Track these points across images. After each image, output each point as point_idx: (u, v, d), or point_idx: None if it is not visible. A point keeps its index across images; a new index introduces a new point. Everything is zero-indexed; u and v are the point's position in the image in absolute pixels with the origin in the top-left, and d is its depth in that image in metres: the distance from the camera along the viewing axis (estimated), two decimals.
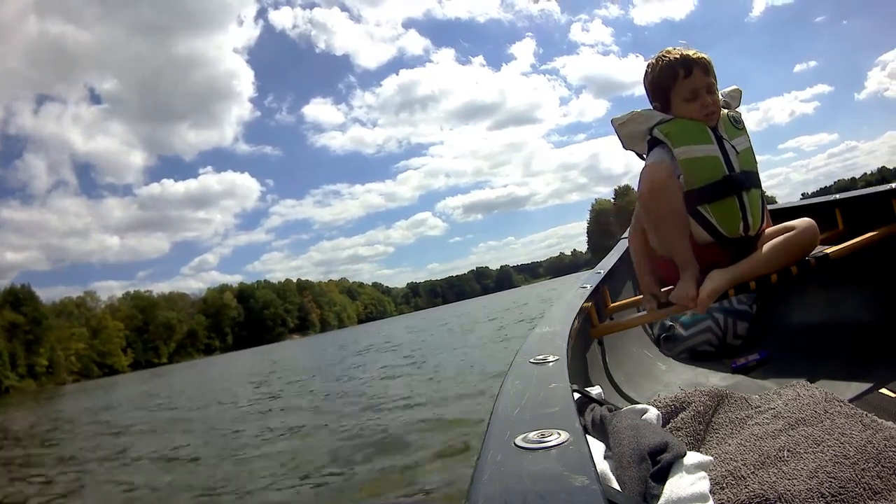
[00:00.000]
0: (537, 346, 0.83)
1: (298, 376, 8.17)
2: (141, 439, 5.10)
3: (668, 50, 1.46)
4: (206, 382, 12.36)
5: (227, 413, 5.76)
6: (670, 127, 1.40)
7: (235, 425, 4.77)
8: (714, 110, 1.41)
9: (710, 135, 1.39)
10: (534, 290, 33.78)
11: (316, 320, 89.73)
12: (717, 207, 1.38)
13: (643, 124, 1.44)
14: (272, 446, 3.45)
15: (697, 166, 1.38)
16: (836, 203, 1.65)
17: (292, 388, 6.37)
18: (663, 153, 1.39)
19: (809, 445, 0.74)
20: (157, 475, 3.43)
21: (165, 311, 73.71)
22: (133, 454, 4.34)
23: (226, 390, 8.74)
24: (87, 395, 18.70)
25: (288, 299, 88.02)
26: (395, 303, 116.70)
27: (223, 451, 3.67)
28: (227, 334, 79.17)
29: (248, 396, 6.50)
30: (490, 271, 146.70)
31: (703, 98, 1.40)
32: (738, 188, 1.38)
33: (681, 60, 1.42)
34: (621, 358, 1.73)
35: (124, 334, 66.93)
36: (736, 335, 1.83)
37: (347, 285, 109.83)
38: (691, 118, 1.41)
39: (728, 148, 1.40)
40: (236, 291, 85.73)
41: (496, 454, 0.43)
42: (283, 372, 9.98)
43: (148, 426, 6.04)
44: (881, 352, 1.33)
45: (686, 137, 1.38)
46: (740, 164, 1.40)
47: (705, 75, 1.41)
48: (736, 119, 1.47)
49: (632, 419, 0.69)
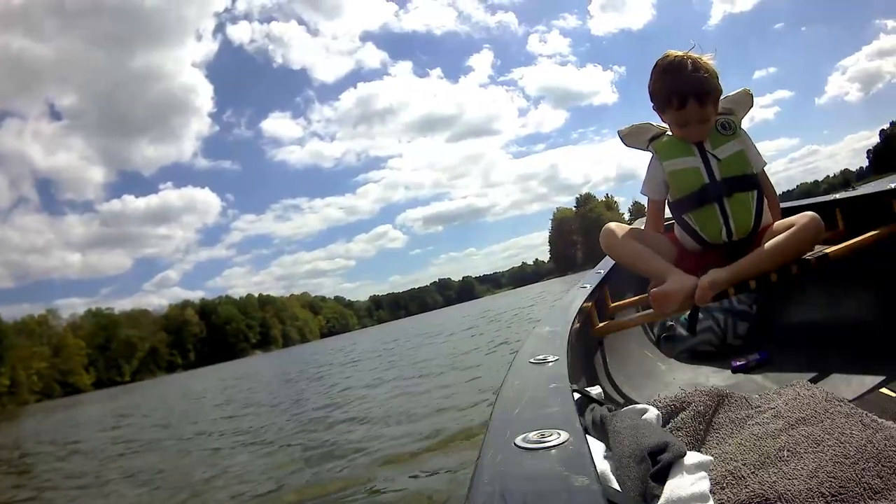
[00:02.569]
0: (537, 346, 0.83)
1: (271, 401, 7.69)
2: (109, 461, 4.92)
3: (674, 63, 1.43)
4: (178, 402, 11.93)
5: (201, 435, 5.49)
6: (659, 144, 1.53)
7: (207, 443, 4.61)
8: (701, 139, 1.47)
9: (693, 148, 1.48)
10: (499, 301, 33.44)
11: (278, 335, 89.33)
12: (699, 215, 1.46)
13: (642, 136, 1.57)
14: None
15: (680, 178, 1.48)
16: (836, 203, 1.65)
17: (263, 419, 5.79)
18: (656, 163, 1.54)
19: (809, 445, 0.74)
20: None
21: (127, 329, 73.29)
22: (101, 477, 4.16)
23: (190, 412, 8.46)
24: (52, 414, 18.19)
25: (250, 315, 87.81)
26: (357, 316, 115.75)
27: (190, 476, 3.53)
28: (190, 351, 78.74)
29: (219, 425, 6.06)
30: (452, 283, 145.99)
31: (692, 128, 1.45)
32: (716, 196, 1.44)
33: (677, 90, 1.41)
34: (621, 358, 1.73)
35: (86, 353, 66.40)
36: (736, 335, 1.83)
37: (309, 299, 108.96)
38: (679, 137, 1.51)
39: (710, 158, 1.46)
40: (198, 307, 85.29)
41: (496, 454, 0.43)
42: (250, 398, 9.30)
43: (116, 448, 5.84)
44: (881, 351, 1.33)
45: (671, 153, 1.50)
46: (722, 172, 1.44)
47: (700, 107, 1.41)
48: (726, 125, 1.48)
49: (632, 419, 0.69)
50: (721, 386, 1.20)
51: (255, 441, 4.19)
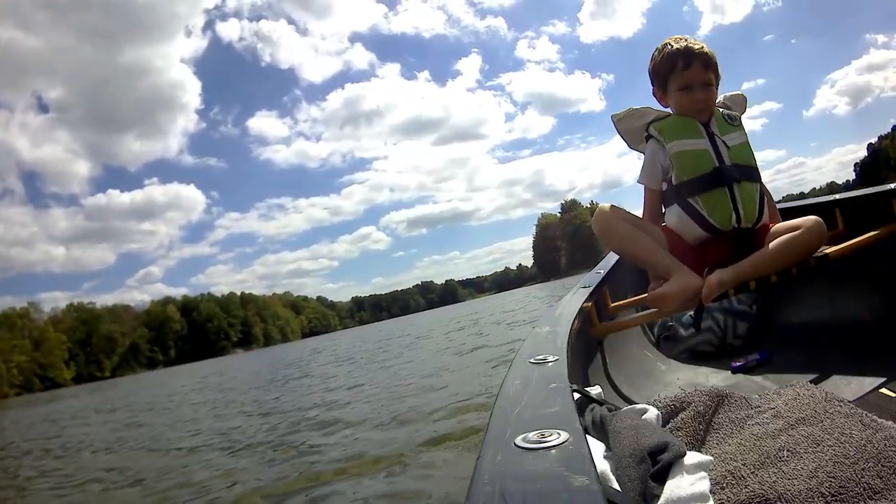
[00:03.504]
0: (537, 346, 0.83)
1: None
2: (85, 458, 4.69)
3: (675, 38, 1.49)
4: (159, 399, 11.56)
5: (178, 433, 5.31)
6: (663, 124, 1.47)
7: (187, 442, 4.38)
8: (704, 107, 1.46)
9: (701, 130, 1.45)
10: (483, 304, 33.06)
11: (259, 334, 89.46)
12: (707, 199, 1.41)
13: (640, 120, 1.52)
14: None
15: (687, 159, 1.43)
16: (836, 203, 1.65)
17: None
18: (656, 147, 1.47)
19: (809, 445, 0.74)
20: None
21: (108, 324, 73.21)
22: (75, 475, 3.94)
23: (173, 409, 8.06)
24: (35, 407, 17.87)
25: (231, 313, 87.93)
26: (339, 317, 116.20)
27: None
28: (171, 348, 78.85)
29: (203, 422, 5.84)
30: (435, 286, 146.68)
31: (696, 93, 1.44)
32: (727, 180, 1.41)
33: (682, 51, 1.45)
34: (621, 358, 1.73)
35: (67, 347, 66.19)
36: (736, 335, 1.83)
37: (291, 299, 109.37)
38: (684, 109, 1.47)
39: (719, 143, 1.44)
40: (180, 304, 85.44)
41: (496, 454, 0.43)
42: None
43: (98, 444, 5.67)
44: (881, 351, 1.33)
45: (677, 133, 1.45)
46: (731, 157, 1.43)
47: (704, 70, 1.45)
48: (731, 117, 1.51)
49: (632, 419, 0.69)
50: (721, 386, 1.20)
51: (227, 442, 4.09)
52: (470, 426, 2.83)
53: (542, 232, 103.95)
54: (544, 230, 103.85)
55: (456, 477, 2.17)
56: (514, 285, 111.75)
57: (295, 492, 2.44)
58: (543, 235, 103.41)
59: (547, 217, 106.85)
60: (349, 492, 2.29)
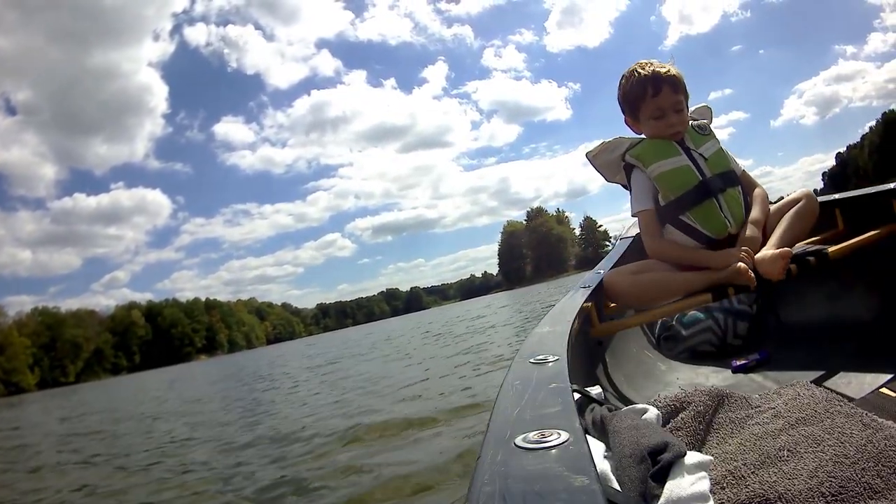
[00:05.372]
0: (537, 346, 0.83)
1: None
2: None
3: (641, 64, 1.51)
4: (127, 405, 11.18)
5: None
6: (639, 150, 1.50)
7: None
8: (680, 129, 1.49)
9: (677, 147, 1.48)
10: (448, 312, 32.82)
11: (224, 340, 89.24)
12: (698, 212, 1.45)
13: (614, 152, 1.54)
14: None
15: (671, 178, 1.46)
16: (835, 203, 1.65)
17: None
18: (639, 175, 1.50)
19: (809, 445, 0.74)
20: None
21: (73, 329, 72.53)
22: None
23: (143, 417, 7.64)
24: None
25: (196, 319, 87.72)
26: (304, 323, 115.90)
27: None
28: (135, 353, 78.49)
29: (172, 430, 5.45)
30: (400, 293, 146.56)
31: (670, 118, 1.47)
32: (713, 191, 1.45)
33: (651, 78, 1.47)
34: (621, 358, 1.73)
35: (31, 352, 65.50)
36: (736, 335, 1.83)
37: (256, 305, 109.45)
38: (657, 135, 1.49)
39: (696, 156, 1.48)
40: (144, 310, 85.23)
41: (496, 454, 0.43)
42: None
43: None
44: (882, 351, 1.33)
45: (655, 155, 1.48)
46: (710, 168, 1.47)
47: (673, 93, 1.47)
48: (701, 127, 1.55)
49: (632, 419, 0.69)
50: (721, 386, 1.20)
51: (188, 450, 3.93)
52: (470, 426, 2.83)
53: (508, 239, 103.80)
54: (510, 238, 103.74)
55: (456, 476, 2.17)
56: (479, 293, 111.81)
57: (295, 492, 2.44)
58: (509, 243, 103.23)
59: (512, 224, 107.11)
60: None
